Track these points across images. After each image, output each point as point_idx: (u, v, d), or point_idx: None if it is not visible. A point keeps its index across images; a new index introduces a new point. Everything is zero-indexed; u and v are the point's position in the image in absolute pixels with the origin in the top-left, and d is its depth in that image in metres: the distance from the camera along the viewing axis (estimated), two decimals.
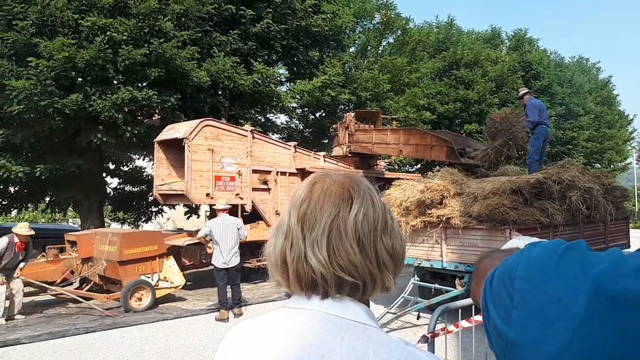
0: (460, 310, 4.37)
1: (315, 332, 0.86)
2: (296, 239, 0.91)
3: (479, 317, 4.61)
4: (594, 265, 0.69)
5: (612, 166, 33.85)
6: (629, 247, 10.02)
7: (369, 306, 0.94)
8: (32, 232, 8.92)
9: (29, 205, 16.16)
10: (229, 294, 8.57)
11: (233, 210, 9.34)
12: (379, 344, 0.85)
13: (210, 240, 8.52)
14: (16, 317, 8.45)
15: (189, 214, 17.76)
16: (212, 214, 12.83)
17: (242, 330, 0.98)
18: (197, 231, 9.71)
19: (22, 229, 8.81)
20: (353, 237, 0.88)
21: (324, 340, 0.85)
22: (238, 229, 8.54)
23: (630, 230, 10.19)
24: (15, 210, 16.49)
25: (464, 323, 4.56)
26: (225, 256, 8.32)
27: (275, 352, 0.87)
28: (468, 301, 4.51)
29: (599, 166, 31.72)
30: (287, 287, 0.94)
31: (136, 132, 12.55)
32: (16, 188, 14.11)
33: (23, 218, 25.51)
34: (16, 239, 8.61)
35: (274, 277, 0.96)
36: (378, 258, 0.90)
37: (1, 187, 13.39)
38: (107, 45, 11.42)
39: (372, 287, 0.91)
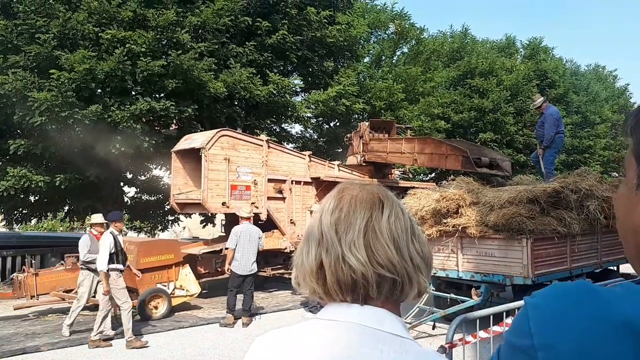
0: (478, 321, 4.35)
1: (352, 345, 0.85)
2: (332, 243, 0.91)
3: (497, 328, 4.59)
4: (615, 308, 0.64)
5: None
6: None
7: (400, 316, 0.94)
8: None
9: (48, 214, 16.43)
10: (238, 302, 8.69)
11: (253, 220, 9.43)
12: (416, 357, 0.85)
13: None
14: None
15: (204, 223, 17.88)
16: (228, 222, 12.93)
17: (270, 342, 0.95)
18: (214, 239, 9.80)
19: (98, 217, 8.41)
20: (389, 237, 0.91)
21: (363, 353, 0.84)
22: (259, 238, 8.75)
23: None
24: (35, 219, 16.76)
25: (481, 334, 4.53)
26: (246, 264, 8.51)
27: None
28: (486, 311, 4.49)
29: (616, 175, 31.26)
30: (323, 294, 0.93)
31: (154, 142, 12.72)
32: (36, 197, 14.37)
33: (42, 227, 25.91)
34: (94, 232, 8.18)
35: (308, 285, 0.95)
36: (412, 259, 0.92)
37: (22, 196, 13.63)
38: (126, 57, 11.64)
39: (409, 286, 0.91)
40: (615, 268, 9.38)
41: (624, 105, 35.69)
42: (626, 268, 10.00)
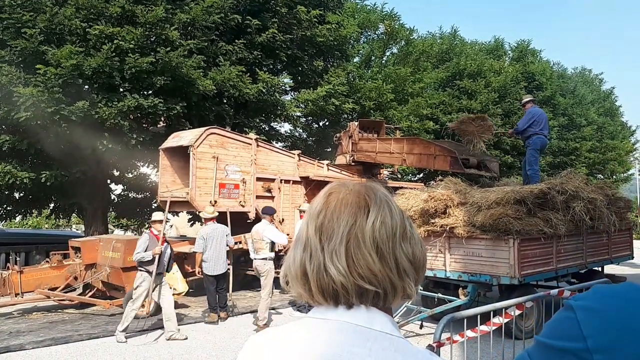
0: (465, 320, 4.38)
1: (342, 343, 0.85)
2: (315, 249, 0.90)
3: (484, 327, 4.63)
4: None
5: (614, 177, 33.81)
6: (632, 258, 10.02)
7: (392, 316, 0.93)
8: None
9: (34, 211, 16.23)
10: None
11: (221, 219, 9.43)
12: (406, 355, 0.84)
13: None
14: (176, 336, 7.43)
15: (192, 221, 17.79)
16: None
17: (262, 342, 0.95)
18: None
19: (158, 215, 8.09)
20: (371, 245, 0.88)
21: (352, 352, 0.84)
22: (226, 235, 8.86)
23: (634, 241, 10.17)
24: (20, 216, 16.54)
25: (469, 333, 4.56)
26: (217, 264, 8.58)
27: None
28: (473, 311, 4.52)
29: (602, 177, 31.70)
30: (309, 298, 0.92)
31: (141, 139, 12.62)
32: (21, 194, 14.18)
33: (27, 224, 25.58)
34: (154, 230, 7.85)
35: (295, 289, 0.95)
36: (398, 265, 0.89)
37: (6, 192, 13.46)
38: (114, 54, 11.52)
39: (392, 294, 0.90)
40: (600, 269, 9.51)
41: (609, 109, 36.18)
42: (610, 269, 10.16)
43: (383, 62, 25.65)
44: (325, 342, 0.86)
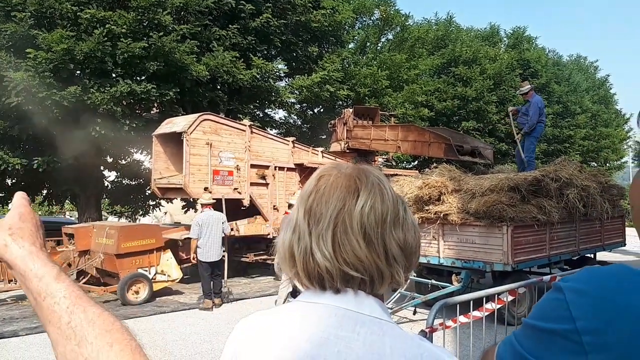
0: (458, 306, 4.40)
1: (331, 327, 0.85)
2: (302, 233, 0.89)
3: (477, 313, 4.65)
4: None
5: (608, 165, 33.96)
6: (625, 245, 10.09)
7: (382, 300, 0.92)
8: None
9: None
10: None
11: (217, 206, 9.43)
12: (395, 340, 0.84)
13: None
14: None
15: (186, 208, 17.75)
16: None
17: (253, 324, 0.95)
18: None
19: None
20: (359, 230, 0.86)
21: (340, 336, 0.83)
22: (222, 223, 8.80)
23: (626, 228, 10.24)
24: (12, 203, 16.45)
25: (461, 318, 4.59)
26: (211, 251, 8.55)
27: (290, 347, 0.85)
28: (466, 297, 4.55)
29: (595, 165, 31.83)
30: (298, 281, 0.92)
31: (134, 125, 12.53)
32: (13, 180, 14.07)
33: None
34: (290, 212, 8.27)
35: (284, 271, 0.94)
36: (387, 252, 0.87)
37: None
38: (106, 38, 11.38)
39: (380, 281, 0.88)
40: (592, 256, 9.58)
41: (604, 96, 36.21)
42: (602, 256, 10.24)
43: (378, 48, 25.50)
44: (312, 326, 0.86)
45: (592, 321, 0.66)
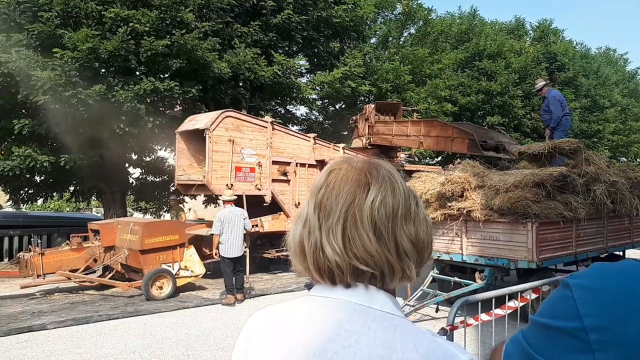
0: (480, 304, 4.32)
1: (341, 321, 0.85)
2: (313, 227, 0.89)
3: (499, 311, 4.57)
4: None
5: (638, 160, 33.06)
6: None
7: (394, 295, 0.92)
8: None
9: (54, 194, 16.51)
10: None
11: (238, 202, 9.48)
12: (406, 334, 0.83)
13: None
14: None
15: (207, 204, 17.90)
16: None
17: (266, 316, 0.96)
18: None
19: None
20: (369, 225, 0.86)
21: (350, 330, 0.84)
22: (244, 219, 8.88)
23: None
24: (41, 200, 16.86)
25: (483, 316, 4.51)
26: (233, 246, 8.62)
27: (301, 341, 0.86)
28: (488, 294, 4.46)
29: (625, 160, 31.01)
30: (308, 275, 0.93)
31: (158, 122, 12.67)
32: (42, 177, 14.42)
33: (48, 207, 26.09)
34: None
35: (295, 266, 0.95)
36: (398, 246, 0.87)
37: (27, 176, 13.68)
38: (129, 37, 11.53)
39: (390, 276, 0.88)
40: (620, 253, 9.33)
41: (634, 90, 35.25)
42: (632, 253, 9.96)
43: (400, 43, 25.25)
44: (323, 320, 0.86)
45: (599, 319, 0.64)
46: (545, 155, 8.18)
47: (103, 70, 12.32)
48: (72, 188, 15.97)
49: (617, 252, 9.15)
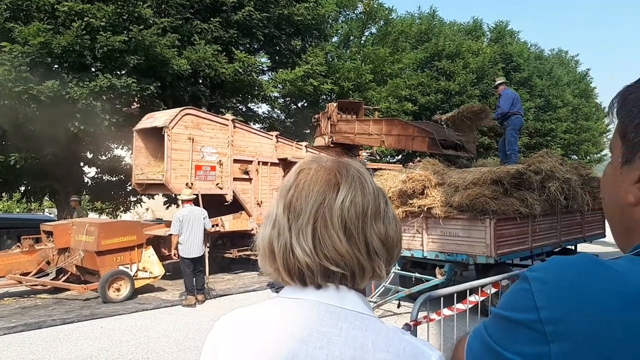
0: (442, 299, 4.39)
1: (313, 322, 0.84)
2: (282, 228, 0.88)
3: (461, 305, 4.65)
4: (629, 281, 0.65)
5: (588, 157, 34.46)
6: (605, 236, 10.23)
7: (365, 294, 0.92)
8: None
9: (4, 194, 15.83)
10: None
11: (196, 201, 9.32)
12: (377, 334, 0.83)
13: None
14: None
15: (168, 204, 17.57)
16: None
17: (234, 319, 0.94)
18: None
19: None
20: (339, 225, 0.85)
21: (322, 331, 0.83)
22: (204, 218, 8.74)
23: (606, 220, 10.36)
24: None
25: (445, 311, 4.59)
26: (192, 247, 8.48)
27: (272, 343, 0.85)
28: (450, 289, 4.54)
29: (576, 157, 32.26)
30: (278, 277, 0.91)
31: (114, 120, 12.32)
32: None
33: None
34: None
35: (264, 267, 0.93)
36: (368, 246, 0.87)
37: None
38: (84, 31, 11.16)
39: (361, 276, 0.88)
40: (573, 247, 9.70)
41: (584, 90, 36.68)
42: (584, 247, 10.38)
43: (362, 42, 25.46)
44: (294, 322, 0.85)
45: (554, 311, 0.66)
46: (460, 120, 10.01)
47: (56, 66, 11.88)
48: (22, 188, 15.34)
49: (570, 247, 9.50)
